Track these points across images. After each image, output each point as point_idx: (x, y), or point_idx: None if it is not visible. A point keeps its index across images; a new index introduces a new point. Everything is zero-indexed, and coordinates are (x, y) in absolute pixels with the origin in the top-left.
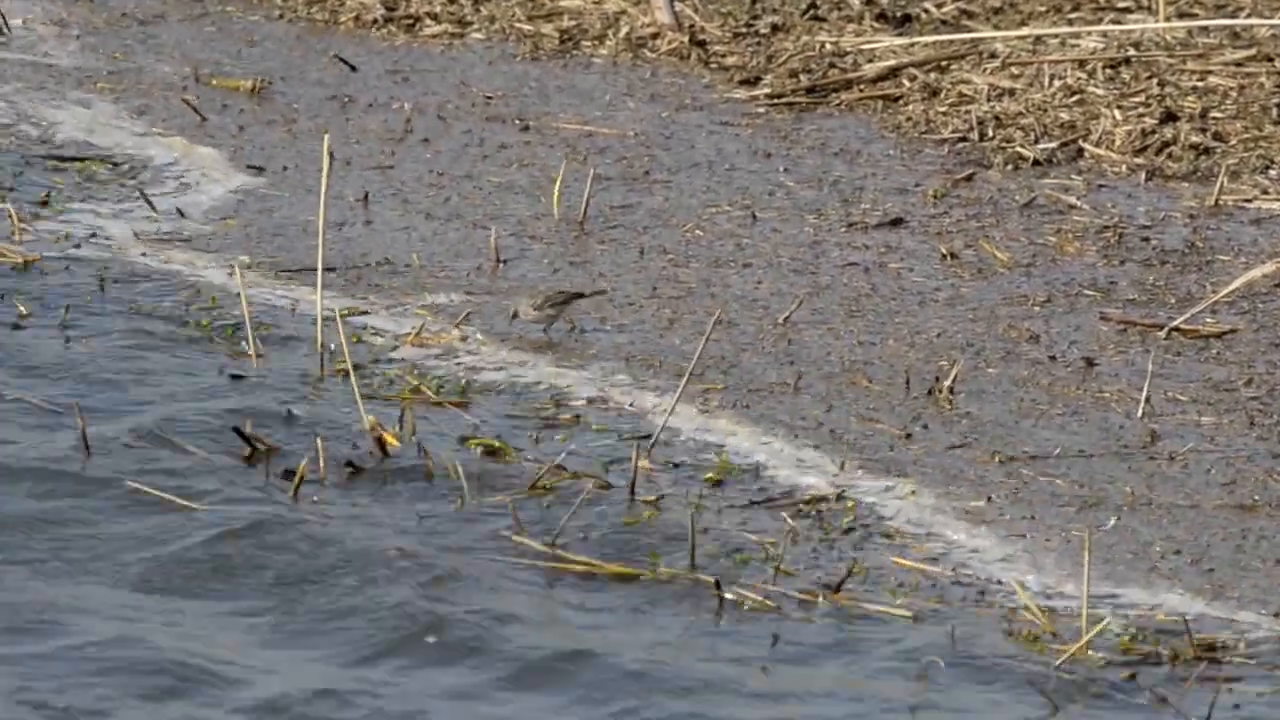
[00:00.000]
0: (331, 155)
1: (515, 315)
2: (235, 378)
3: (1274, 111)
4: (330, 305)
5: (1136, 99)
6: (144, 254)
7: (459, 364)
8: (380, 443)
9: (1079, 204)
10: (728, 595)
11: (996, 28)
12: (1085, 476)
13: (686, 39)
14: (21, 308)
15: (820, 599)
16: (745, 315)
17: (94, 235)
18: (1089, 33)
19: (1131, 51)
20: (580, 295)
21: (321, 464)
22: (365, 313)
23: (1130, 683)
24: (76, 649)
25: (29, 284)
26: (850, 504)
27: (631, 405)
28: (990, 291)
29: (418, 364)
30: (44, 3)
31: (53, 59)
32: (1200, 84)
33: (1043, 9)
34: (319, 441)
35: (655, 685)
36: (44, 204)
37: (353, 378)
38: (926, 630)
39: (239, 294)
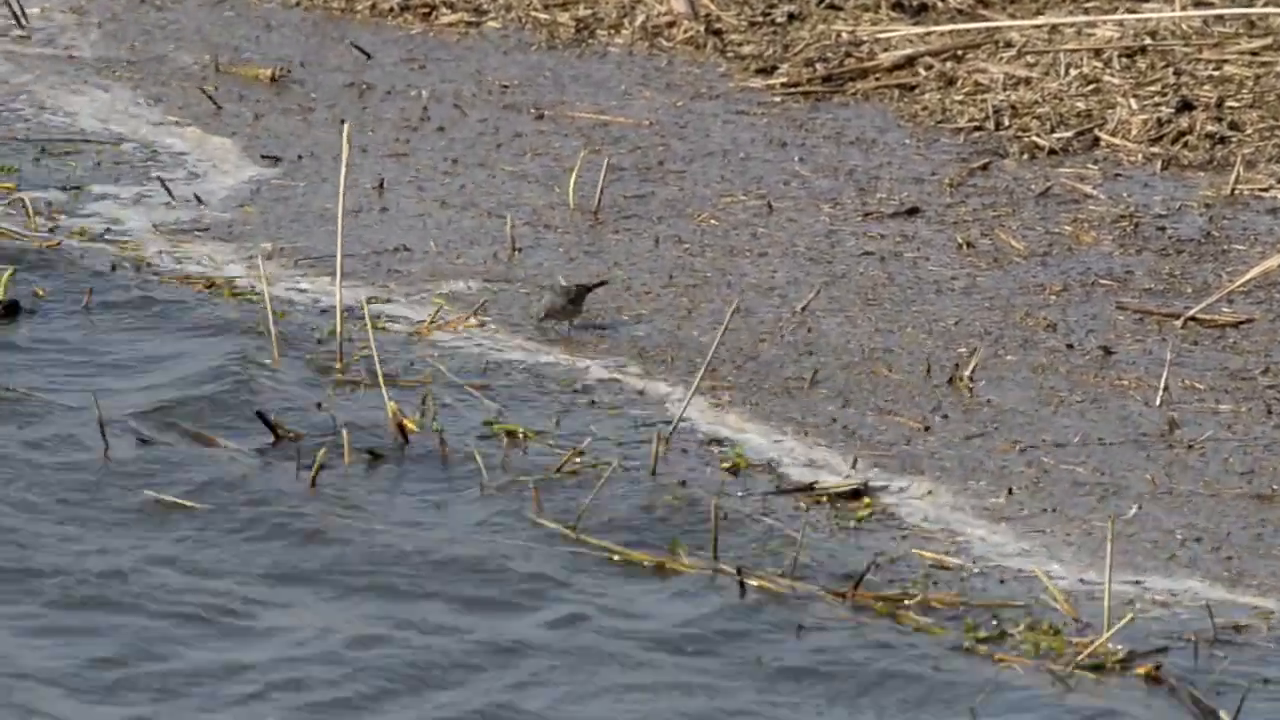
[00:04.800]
0: (350, 143)
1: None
2: (251, 363)
3: None
4: (349, 293)
5: (1152, 88)
6: (161, 250)
7: (476, 350)
8: (401, 429)
9: (1095, 193)
10: (750, 583)
11: (1012, 17)
12: (1105, 464)
13: (702, 28)
14: (39, 291)
15: (840, 589)
16: (761, 305)
17: (110, 229)
18: (1105, 21)
19: (1147, 40)
20: (587, 287)
21: (346, 450)
22: (388, 300)
23: (1155, 674)
24: None
25: (46, 273)
26: (870, 494)
27: (647, 393)
28: (1007, 281)
29: (435, 351)
30: None
31: (75, 50)
32: (1216, 73)
33: None
34: (344, 432)
35: None
36: (66, 190)
37: (376, 363)
38: (946, 620)
39: (259, 282)
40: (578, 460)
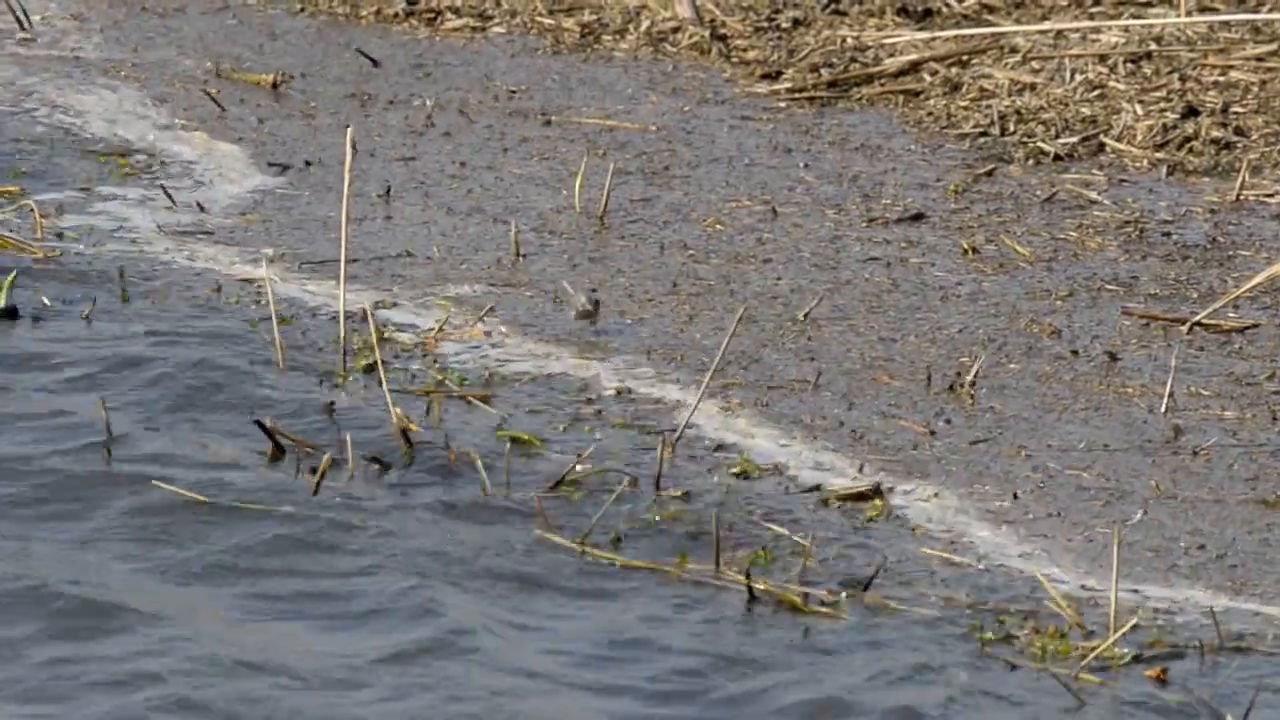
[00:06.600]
0: (354, 147)
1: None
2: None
3: None
4: (354, 299)
5: (1158, 93)
6: (166, 249)
7: (483, 356)
8: (405, 435)
9: (1100, 199)
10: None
11: (1018, 22)
12: (1110, 470)
13: (707, 33)
14: (45, 300)
15: (846, 595)
16: (765, 311)
17: (119, 229)
18: (1110, 27)
19: (1153, 46)
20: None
21: (350, 459)
22: (395, 305)
23: (1161, 680)
24: None
25: (52, 277)
26: (877, 497)
27: (653, 400)
28: (1012, 287)
29: (440, 357)
30: None
31: (80, 52)
32: (1222, 79)
33: (1064, 3)
34: (347, 438)
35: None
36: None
37: (380, 370)
38: (951, 626)
39: (264, 288)
40: (583, 468)
